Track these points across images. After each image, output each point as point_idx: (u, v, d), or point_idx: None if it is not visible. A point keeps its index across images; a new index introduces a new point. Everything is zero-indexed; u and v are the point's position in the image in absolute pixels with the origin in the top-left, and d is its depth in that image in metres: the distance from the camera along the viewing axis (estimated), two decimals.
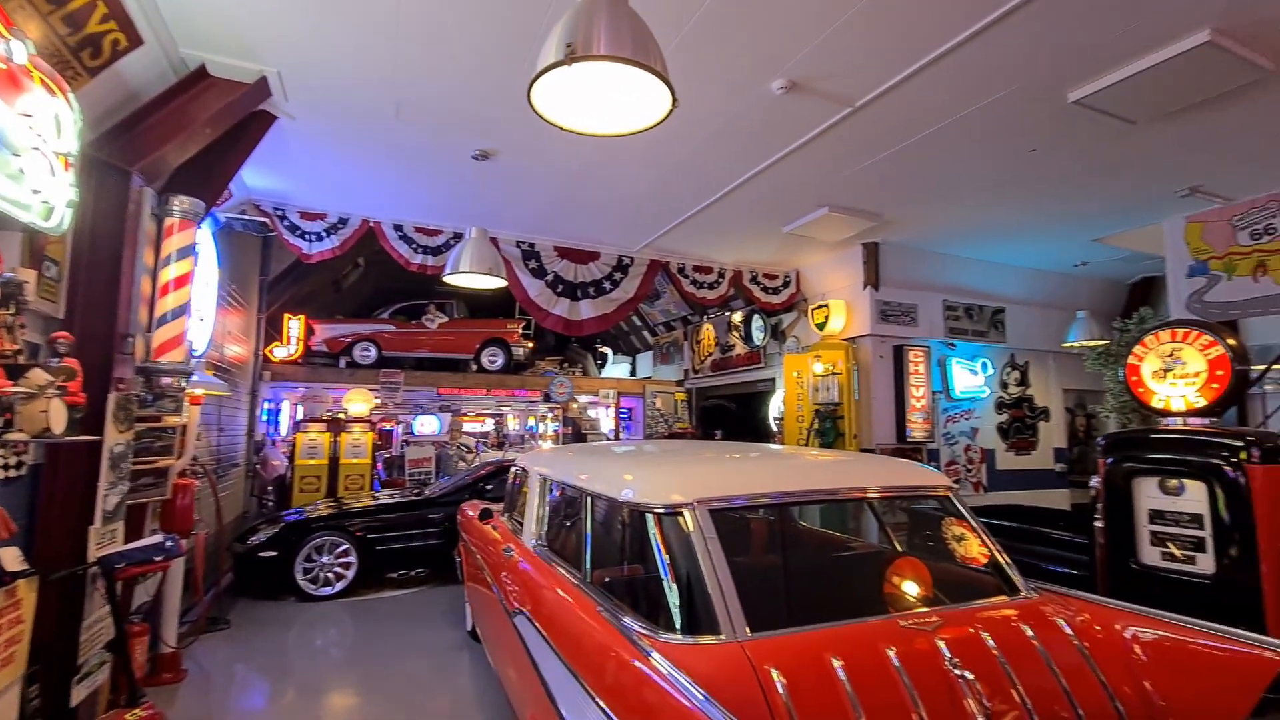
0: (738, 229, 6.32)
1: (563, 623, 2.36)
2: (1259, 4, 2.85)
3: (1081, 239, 6.52)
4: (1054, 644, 2.07)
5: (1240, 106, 3.70)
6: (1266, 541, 2.26)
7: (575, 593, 2.44)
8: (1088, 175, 4.87)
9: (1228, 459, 2.36)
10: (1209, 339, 2.50)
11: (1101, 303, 8.18)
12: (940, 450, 7.41)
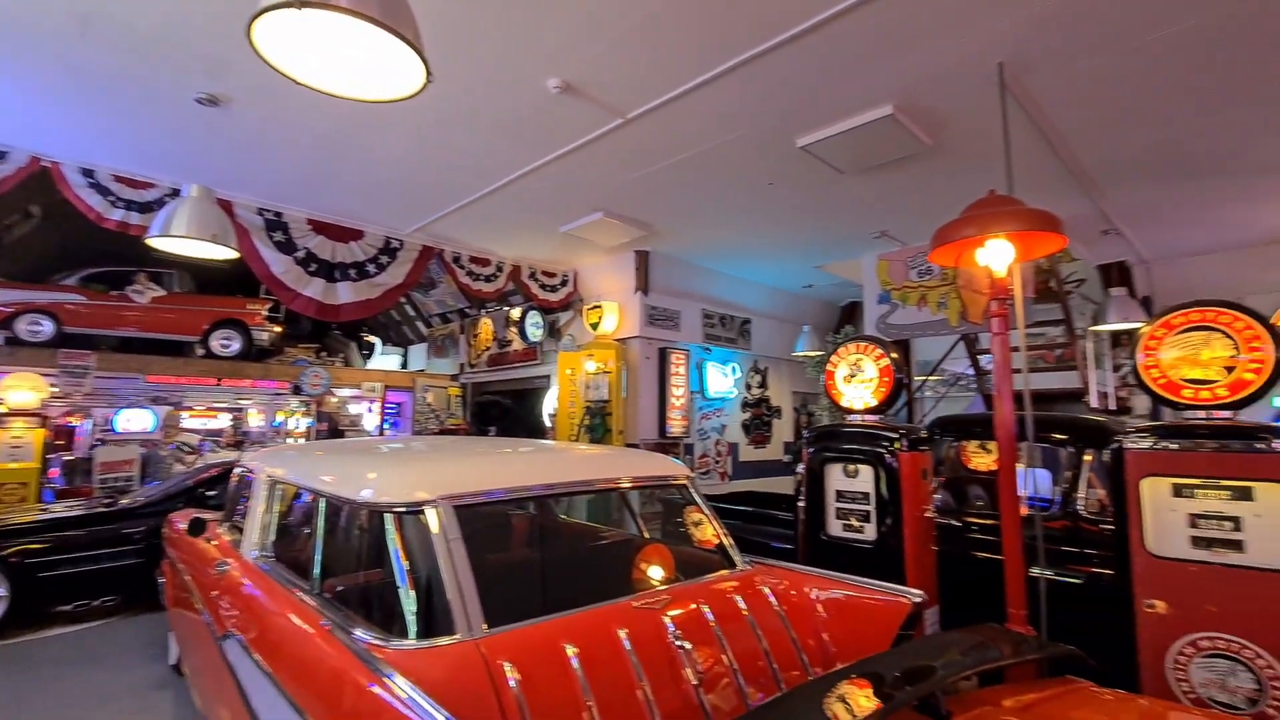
0: (517, 223, 6.27)
1: (280, 643, 2.09)
2: (923, 92, 3.66)
3: (808, 265, 7.72)
4: (759, 609, 2.40)
5: (911, 170, 4.70)
6: (908, 512, 2.90)
7: (299, 608, 2.18)
8: (812, 211, 5.78)
9: (887, 448, 2.97)
10: (880, 351, 3.14)
11: (822, 319, 9.78)
12: (695, 444, 8.18)
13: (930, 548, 3.08)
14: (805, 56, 3.33)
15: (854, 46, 3.25)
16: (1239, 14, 2.96)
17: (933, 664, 1.51)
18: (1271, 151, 4.52)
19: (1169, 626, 2.19)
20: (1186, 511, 2.21)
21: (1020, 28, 3.07)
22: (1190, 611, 2.16)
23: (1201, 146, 4.43)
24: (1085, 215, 5.62)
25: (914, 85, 3.58)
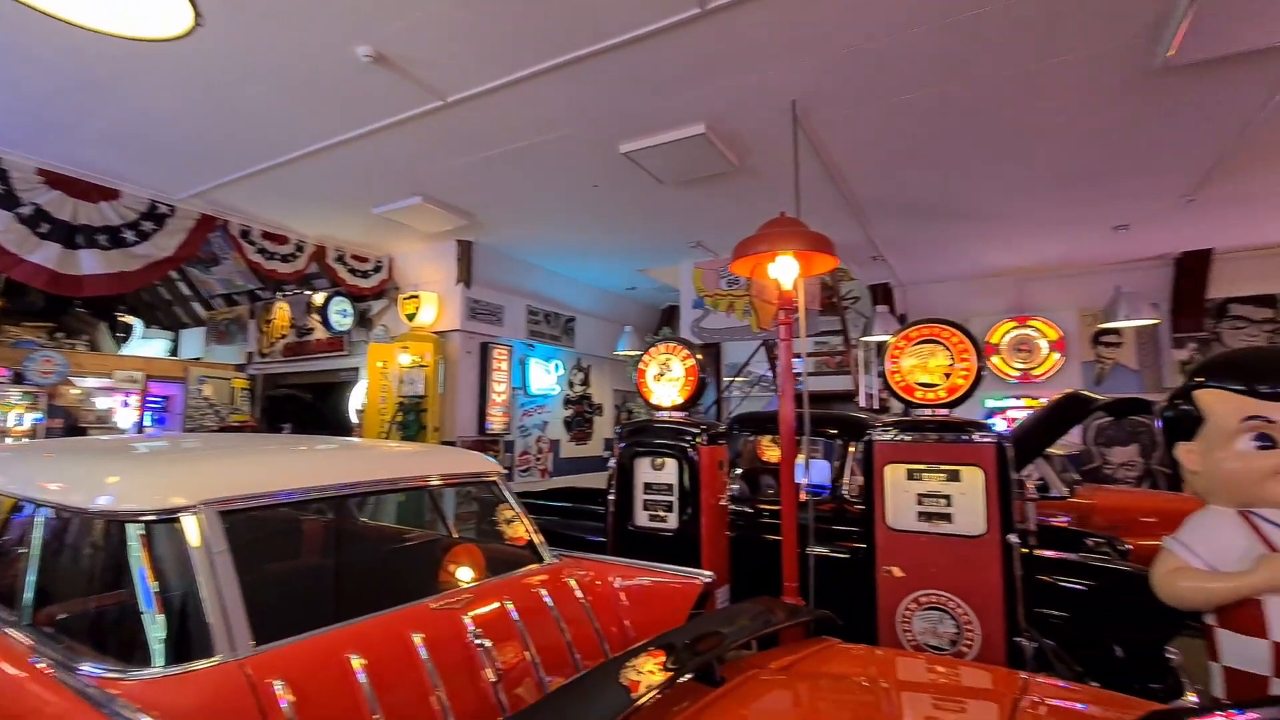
0: (323, 200, 5.69)
1: None
2: (731, 117, 4.00)
3: (631, 267, 8.03)
4: (564, 602, 2.45)
5: (723, 187, 5.12)
6: (706, 501, 3.15)
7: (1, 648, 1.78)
8: (635, 216, 6.03)
9: (690, 442, 3.21)
10: (686, 352, 3.38)
11: (643, 320, 10.22)
12: (516, 442, 8.09)
13: (724, 533, 3.38)
14: (629, 67, 3.46)
15: (673, 65, 3.45)
16: (981, 88, 3.66)
17: (706, 635, 1.67)
18: (992, 204, 5.64)
19: (901, 587, 2.65)
20: (916, 492, 2.70)
21: (811, 71, 3.48)
22: (916, 574, 2.63)
23: (944, 194, 5.40)
24: (859, 242, 6.55)
25: (723, 109, 3.90)
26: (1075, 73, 3.47)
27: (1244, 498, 1.96)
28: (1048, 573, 3.28)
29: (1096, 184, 5.11)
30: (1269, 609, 1.85)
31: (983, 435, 2.59)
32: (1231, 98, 3.71)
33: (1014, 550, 2.47)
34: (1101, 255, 7.13)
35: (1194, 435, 2.08)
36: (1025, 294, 8.11)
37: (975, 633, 2.49)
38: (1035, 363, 8.03)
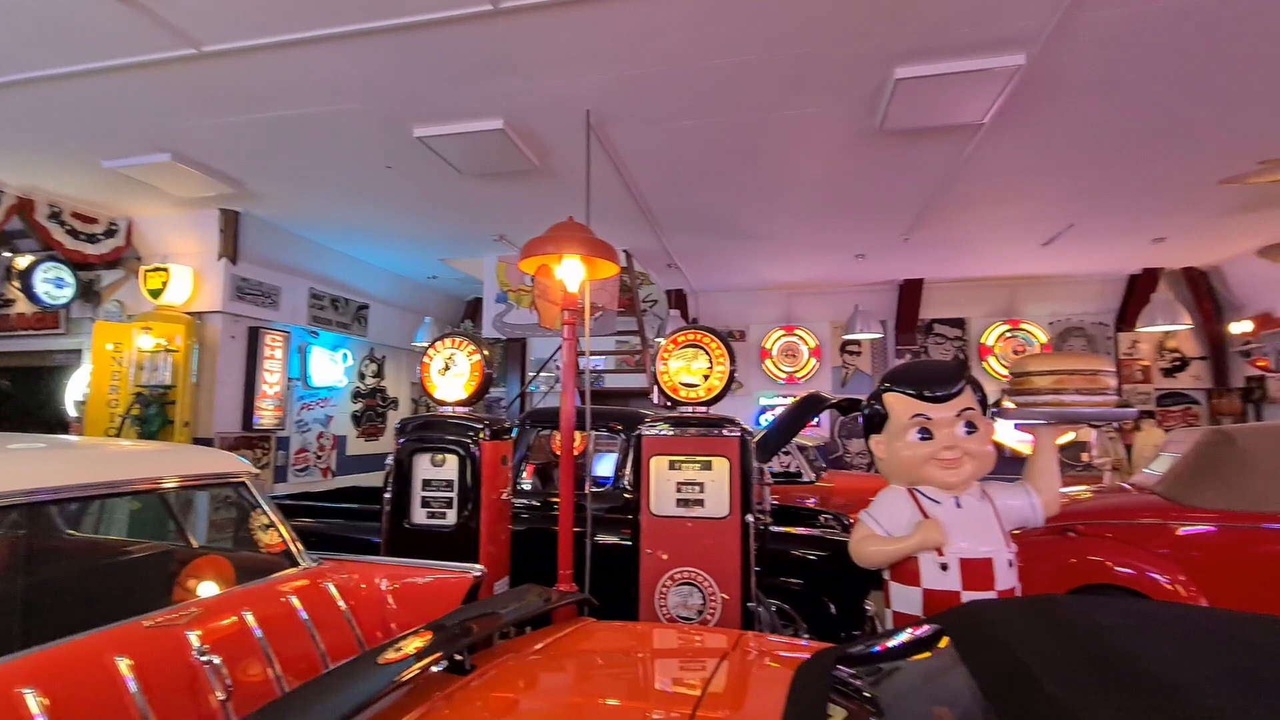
0: (35, 142, 4.61)
1: None
2: (530, 117, 4.06)
3: (432, 256, 7.69)
4: (319, 608, 2.32)
5: (524, 184, 5.16)
6: (486, 496, 3.18)
7: None
8: (435, 204, 5.80)
9: (472, 438, 3.20)
10: (473, 347, 3.36)
11: (447, 312, 9.85)
12: (292, 438, 7.31)
13: (506, 527, 3.43)
14: (425, 51, 3.34)
15: (470, 57, 3.40)
16: (751, 125, 4.13)
17: (458, 626, 1.72)
18: (764, 227, 6.40)
19: (660, 567, 2.94)
20: (676, 480, 3.01)
21: (604, 85, 3.67)
22: (672, 554, 2.93)
23: (726, 214, 6.01)
24: (655, 249, 7.02)
25: (522, 109, 3.94)
26: (818, 124, 4.11)
27: (912, 478, 2.48)
28: (789, 546, 3.85)
29: (840, 219, 6.08)
30: (922, 563, 2.38)
31: (730, 430, 2.98)
32: (930, 161, 4.67)
33: (750, 528, 2.88)
34: (847, 278, 8.47)
35: (882, 429, 2.59)
36: (793, 306, 9.33)
37: (718, 602, 2.86)
38: (799, 366, 9.28)
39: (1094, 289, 8.23)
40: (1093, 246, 6.83)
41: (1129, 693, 0.94)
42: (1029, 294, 8.45)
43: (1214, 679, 0.94)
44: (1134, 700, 0.91)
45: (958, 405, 2.46)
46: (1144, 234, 6.38)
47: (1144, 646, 1.09)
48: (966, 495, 2.47)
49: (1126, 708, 0.90)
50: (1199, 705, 0.86)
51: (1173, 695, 0.90)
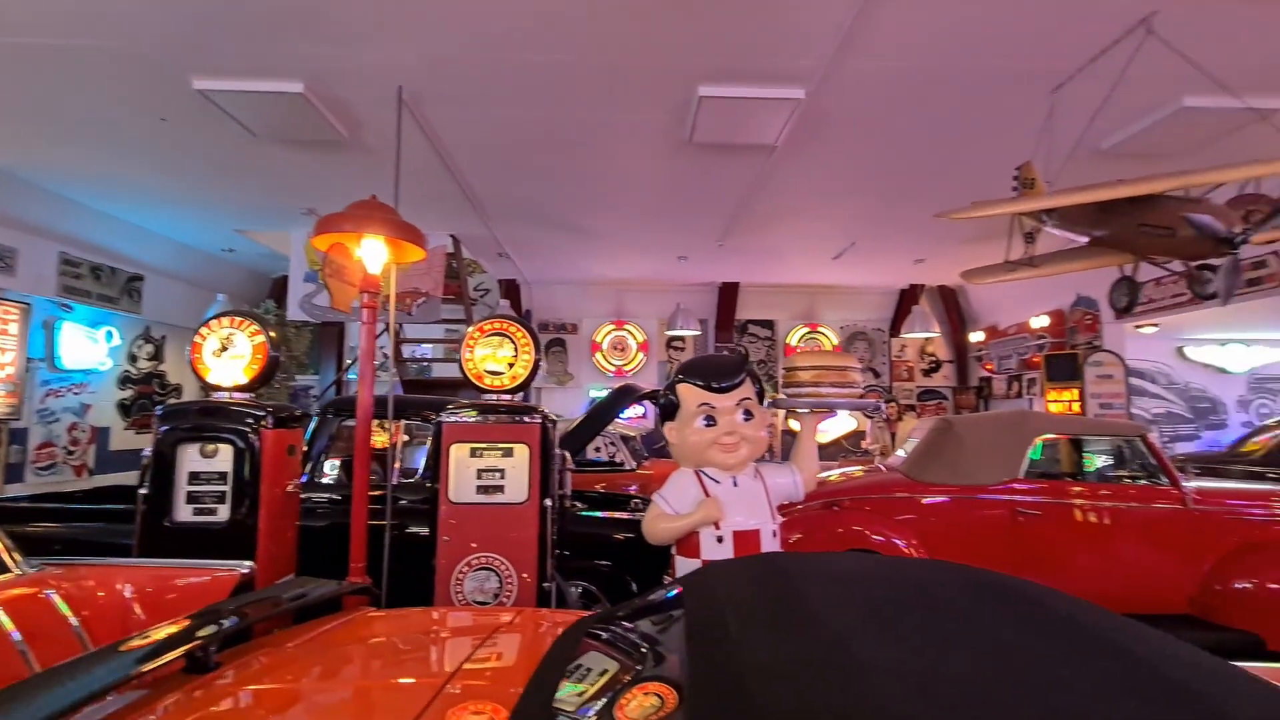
0: None
1: None
2: (336, 85, 3.80)
3: (227, 226, 6.85)
4: (37, 622, 2.01)
5: (335, 156, 4.80)
6: (267, 490, 2.94)
7: None
8: (227, 168, 5.18)
9: (252, 426, 2.95)
10: (256, 328, 3.08)
11: (247, 289, 8.81)
12: (31, 430, 6.12)
13: (293, 522, 3.20)
14: None
15: (263, 10, 3.10)
16: (578, 123, 4.22)
17: (195, 623, 1.60)
18: (595, 223, 6.58)
19: (457, 554, 2.94)
20: (477, 467, 3.02)
21: (418, 63, 3.55)
22: (471, 540, 2.95)
23: (558, 207, 6.09)
24: (484, 237, 6.90)
25: (327, 74, 3.68)
26: (636, 130, 4.34)
27: (698, 460, 2.72)
28: (598, 530, 4.02)
29: (663, 221, 6.45)
30: (702, 537, 2.62)
31: (532, 417, 3.06)
32: (736, 174, 5.13)
33: (549, 513, 2.99)
34: (672, 277, 8.99)
35: (674, 417, 2.80)
36: (623, 302, 9.68)
37: (514, 584, 2.93)
38: (627, 360, 9.65)
39: (874, 299, 9.55)
40: (872, 263, 7.93)
41: (788, 625, 1.16)
42: (825, 301, 9.58)
43: (853, 609, 1.19)
44: (789, 630, 1.13)
45: (738, 395, 2.72)
46: (908, 255, 7.55)
47: (815, 589, 1.34)
48: (743, 475, 2.75)
49: (780, 634, 1.12)
50: (829, 629, 1.09)
51: (816, 622, 1.13)
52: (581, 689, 1.25)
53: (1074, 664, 0.96)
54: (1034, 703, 0.84)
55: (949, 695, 0.86)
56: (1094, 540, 3.87)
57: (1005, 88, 3.68)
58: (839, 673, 0.94)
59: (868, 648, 1.00)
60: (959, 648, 1.01)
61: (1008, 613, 1.16)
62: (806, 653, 1.03)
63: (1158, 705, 0.84)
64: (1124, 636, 1.05)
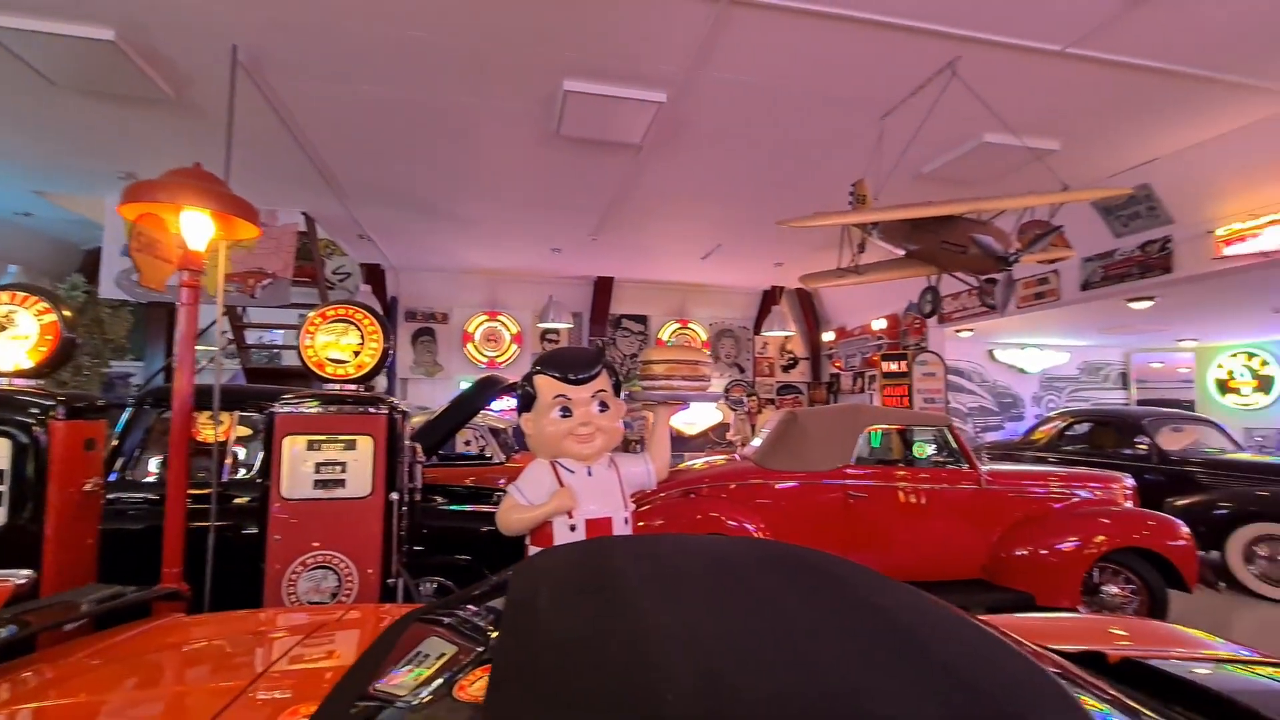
0: None
1: None
2: (157, 37, 3.39)
3: (22, 186, 5.87)
4: None
5: (159, 117, 4.28)
6: (58, 489, 2.59)
7: None
8: (20, 118, 4.44)
9: (37, 417, 2.57)
10: (45, 305, 2.69)
11: (50, 261, 7.61)
12: None
13: (94, 526, 2.84)
14: None
15: None
16: (442, 104, 4.06)
17: None
18: (467, 210, 6.38)
19: (290, 552, 2.76)
20: (315, 461, 2.85)
21: (255, 23, 3.26)
22: (307, 538, 2.78)
23: (427, 191, 5.83)
24: (343, 218, 6.46)
25: (145, 24, 3.27)
26: (505, 119, 4.28)
27: (554, 451, 2.74)
28: (458, 523, 3.93)
29: (536, 212, 6.40)
30: (555, 527, 2.65)
31: (377, 408, 2.94)
32: (606, 171, 5.21)
33: (394, 506, 2.89)
34: (547, 269, 8.95)
35: (531, 408, 2.80)
36: (497, 292, 9.49)
37: (354, 582, 2.80)
38: (500, 351, 9.48)
39: (740, 299, 10.11)
40: (737, 264, 8.39)
41: (593, 598, 1.23)
42: (695, 299, 9.99)
43: (655, 583, 1.28)
44: (593, 602, 1.20)
45: (594, 387, 2.77)
46: (769, 259, 8.08)
47: (627, 566, 1.42)
48: (597, 465, 2.81)
49: (584, 606, 1.18)
50: (628, 600, 1.17)
51: (618, 595, 1.21)
52: (419, 673, 1.26)
53: (829, 618, 1.12)
54: (781, 649, 0.97)
55: (712, 647, 0.97)
56: (911, 518, 4.38)
57: (843, 111, 4.05)
58: (625, 638, 1.02)
59: (657, 614, 1.10)
60: (736, 609, 1.14)
61: (789, 579, 1.31)
62: (603, 622, 1.10)
63: (881, 646, 1.00)
64: (878, 595, 1.23)
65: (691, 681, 0.87)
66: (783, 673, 0.90)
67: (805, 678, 0.88)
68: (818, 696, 0.84)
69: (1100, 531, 4.06)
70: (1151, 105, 4.07)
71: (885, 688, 0.88)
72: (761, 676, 0.89)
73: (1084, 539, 4.04)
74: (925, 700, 0.86)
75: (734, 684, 0.86)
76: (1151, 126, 4.40)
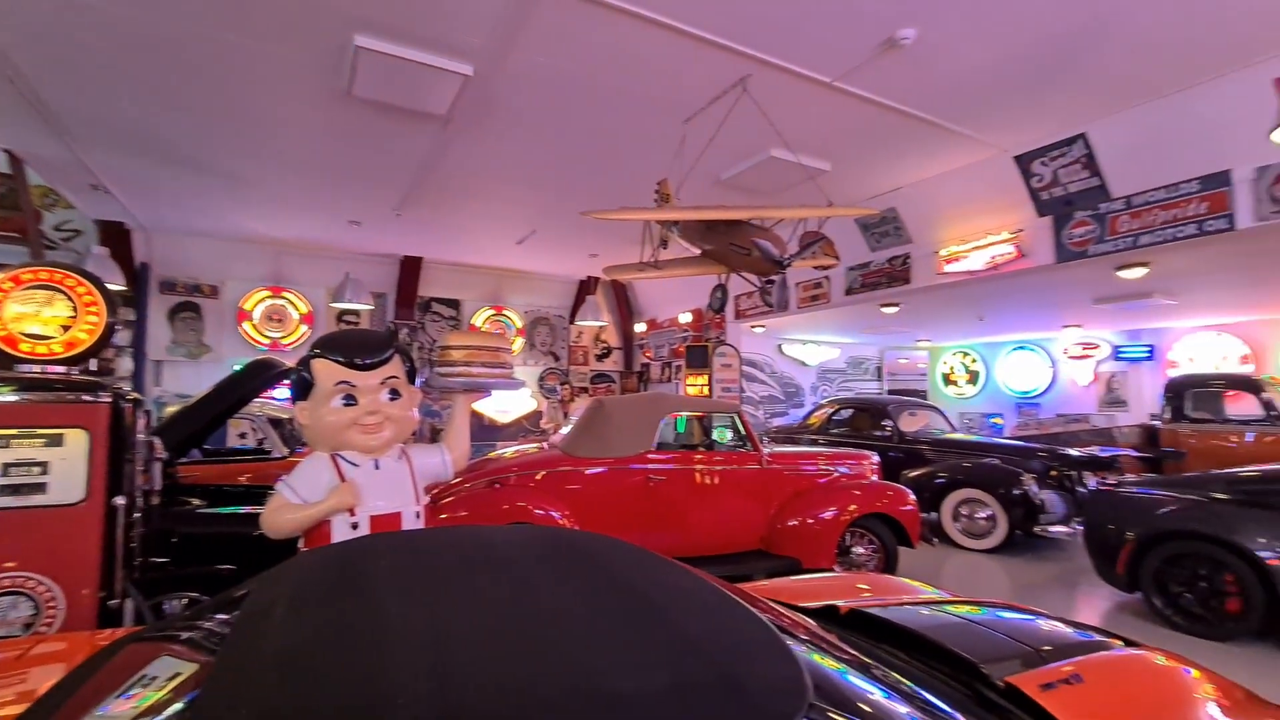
0: None
1: None
2: None
3: None
4: None
5: None
6: None
7: None
8: None
9: None
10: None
11: None
12: None
13: None
14: None
15: None
16: (205, 37, 3.42)
17: None
18: (241, 167, 5.51)
19: None
20: (2, 462, 2.27)
21: None
22: None
23: (191, 143, 4.93)
24: (66, 162, 5.24)
25: None
26: (285, 68, 3.77)
27: (335, 443, 2.47)
28: (219, 528, 3.40)
29: (330, 179, 5.77)
30: (334, 525, 2.39)
31: (95, 395, 2.43)
32: (412, 143, 4.85)
33: (119, 513, 2.41)
34: (344, 244, 8.13)
35: (308, 396, 2.50)
36: (283, 265, 8.40)
37: (59, 608, 2.29)
38: (286, 332, 8.43)
39: (557, 287, 10.11)
40: (553, 252, 8.37)
41: (335, 600, 1.12)
42: (511, 285, 9.78)
43: (411, 579, 1.20)
44: (334, 606, 1.09)
45: (383, 373, 2.55)
46: (584, 249, 8.18)
47: (383, 565, 1.32)
48: (386, 457, 2.60)
49: (323, 610, 1.07)
50: (367, 598, 1.08)
51: (362, 592, 1.12)
52: (149, 699, 1.05)
53: (584, 600, 1.14)
54: (527, 638, 0.97)
55: (455, 644, 0.93)
56: (704, 497, 4.72)
57: (650, 110, 4.21)
58: (359, 643, 0.95)
59: (403, 615, 1.03)
60: (490, 602, 1.11)
61: (552, 566, 1.31)
62: (338, 628, 1.02)
63: (629, 623, 1.04)
64: (634, 573, 1.28)
65: (425, 683, 0.83)
66: (525, 662, 0.90)
67: (545, 664, 0.89)
68: (552, 681, 0.85)
69: (852, 502, 4.73)
70: (898, 141, 4.82)
71: (624, 661, 0.92)
72: (503, 668, 0.88)
73: (840, 509, 4.69)
74: (658, 669, 0.91)
75: (468, 680, 0.84)
76: (898, 159, 5.21)
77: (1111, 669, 1.71)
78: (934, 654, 1.60)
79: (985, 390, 11.66)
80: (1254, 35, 3.45)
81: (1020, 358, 11.01)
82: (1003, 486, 5.67)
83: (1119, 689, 1.63)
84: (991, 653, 1.71)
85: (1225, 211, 4.18)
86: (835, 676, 1.16)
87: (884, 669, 1.33)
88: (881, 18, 3.27)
